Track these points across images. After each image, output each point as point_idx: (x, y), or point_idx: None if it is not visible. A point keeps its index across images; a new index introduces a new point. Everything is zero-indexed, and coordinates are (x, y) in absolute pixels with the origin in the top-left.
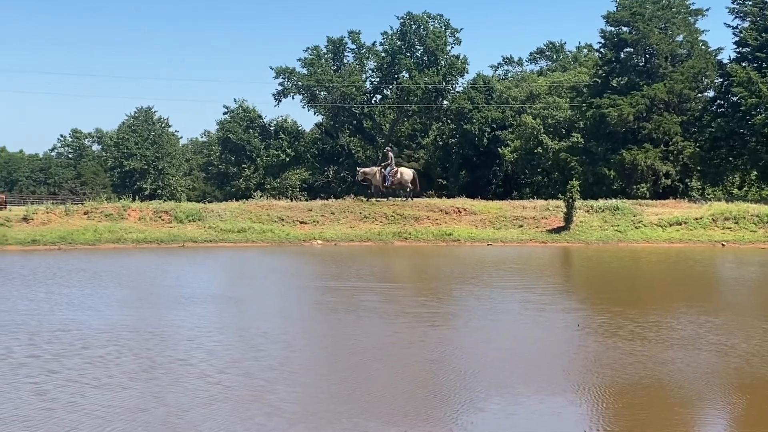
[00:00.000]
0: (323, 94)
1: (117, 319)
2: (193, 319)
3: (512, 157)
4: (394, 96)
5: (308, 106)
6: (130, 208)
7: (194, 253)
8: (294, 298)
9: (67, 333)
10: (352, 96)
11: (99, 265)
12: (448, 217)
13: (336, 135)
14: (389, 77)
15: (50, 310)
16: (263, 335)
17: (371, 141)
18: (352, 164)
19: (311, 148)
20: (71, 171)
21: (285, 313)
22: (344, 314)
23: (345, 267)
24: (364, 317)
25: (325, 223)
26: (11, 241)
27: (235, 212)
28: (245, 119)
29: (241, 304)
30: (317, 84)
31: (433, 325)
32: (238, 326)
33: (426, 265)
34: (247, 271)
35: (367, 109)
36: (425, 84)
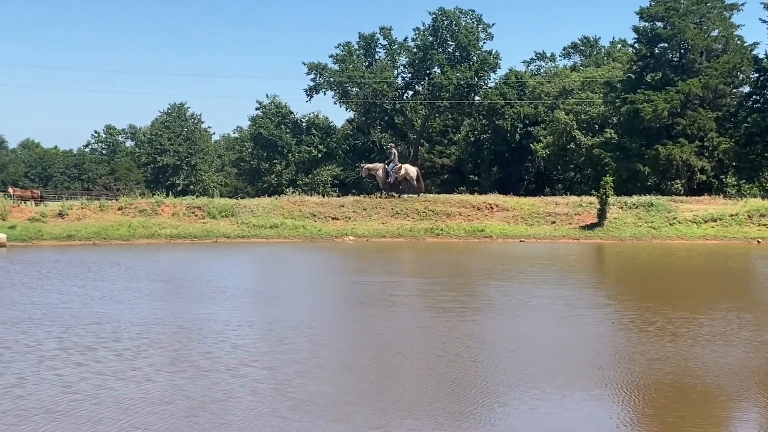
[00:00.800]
0: (355, 90)
1: (148, 312)
2: (223, 312)
3: (544, 153)
4: (426, 92)
5: (340, 102)
6: (163, 204)
7: (227, 249)
8: (324, 292)
9: (99, 326)
10: (384, 92)
11: (133, 260)
12: (480, 213)
13: (367, 131)
14: (421, 73)
15: (83, 304)
16: (291, 329)
17: (403, 137)
18: (384, 160)
19: (343, 144)
20: (105, 167)
21: (314, 308)
22: (373, 308)
23: (376, 262)
24: (393, 311)
25: (357, 219)
26: (47, 237)
27: (268, 208)
28: (277, 115)
29: (271, 298)
30: (349, 80)
31: (462, 319)
32: (267, 320)
33: (457, 261)
34: (279, 266)
35: (398, 105)
36: (457, 80)
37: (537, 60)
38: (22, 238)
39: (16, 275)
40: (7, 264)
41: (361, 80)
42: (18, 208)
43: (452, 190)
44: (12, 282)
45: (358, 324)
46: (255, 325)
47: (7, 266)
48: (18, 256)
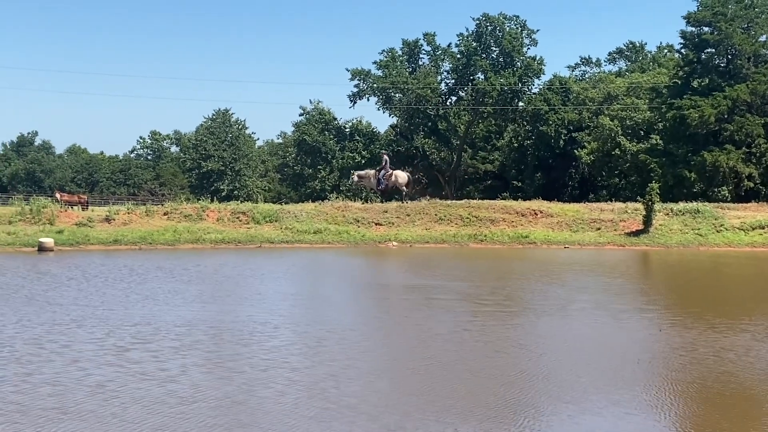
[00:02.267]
0: (398, 96)
1: (189, 315)
2: (264, 315)
3: (589, 159)
4: (470, 98)
5: (383, 107)
6: (208, 209)
7: (271, 254)
8: (365, 296)
9: (137, 328)
10: (427, 98)
11: (177, 264)
12: (524, 219)
13: (411, 137)
14: (464, 79)
15: (126, 306)
16: (332, 332)
17: (446, 143)
18: (428, 166)
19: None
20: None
21: (355, 311)
22: (414, 312)
23: (419, 267)
24: (435, 315)
25: (401, 225)
26: (93, 241)
27: (311, 213)
28: (320, 121)
29: (312, 302)
30: (392, 86)
31: (504, 324)
32: (308, 322)
33: (500, 267)
34: (322, 270)
35: (442, 110)
36: (501, 85)
37: (582, 65)
38: (70, 242)
39: (63, 278)
40: (53, 267)
41: (404, 86)
42: (65, 213)
43: (495, 195)
44: (57, 285)
45: (398, 328)
46: (297, 328)
47: (54, 270)
48: (65, 259)
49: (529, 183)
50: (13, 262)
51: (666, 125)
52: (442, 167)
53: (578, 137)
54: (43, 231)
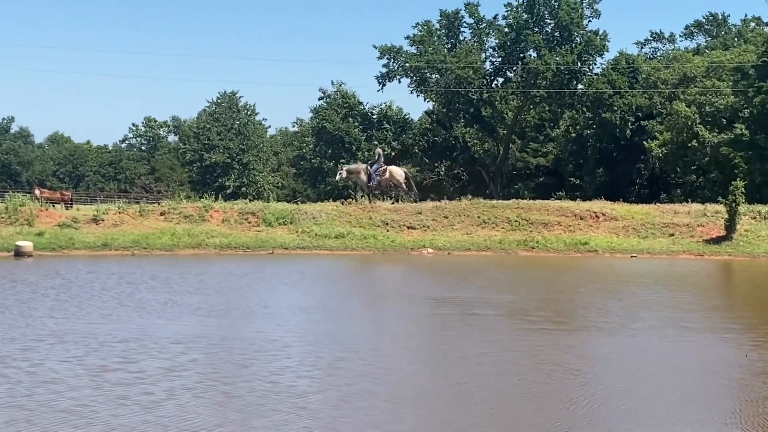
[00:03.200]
0: (435, 77)
1: (188, 330)
2: (274, 331)
3: (660, 151)
4: (519, 79)
5: (417, 90)
6: (212, 209)
7: (284, 261)
8: (394, 311)
9: (127, 344)
10: (469, 79)
11: (175, 273)
12: (584, 223)
13: (449, 125)
14: (513, 57)
15: (114, 321)
16: (350, 351)
17: (491, 132)
18: (468, 159)
19: (420, 140)
20: (144, 165)
21: (381, 327)
22: (451, 329)
23: (458, 278)
24: (474, 333)
25: (437, 229)
26: (79, 245)
27: (332, 215)
28: (344, 106)
29: (333, 316)
30: (428, 65)
31: (555, 344)
32: (324, 340)
33: (554, 279)
34: (344, 281)
35: (486, 94)
36: (556, 65)
37: (653, 41)
38: (51, 246)
39: (41, 287)
40: (31, 275)
41: (442, 65)
42: (46, 212)
43: (549, 195)
44: (34, 295)
45: (429, 347)
46: (306, 347)
47: (32, 277)
48: (45, 266)
49: (589, 180)
50: None
51: (753, 112)
52: (485, 161)
53: (648, 126)
54: (21, 233)
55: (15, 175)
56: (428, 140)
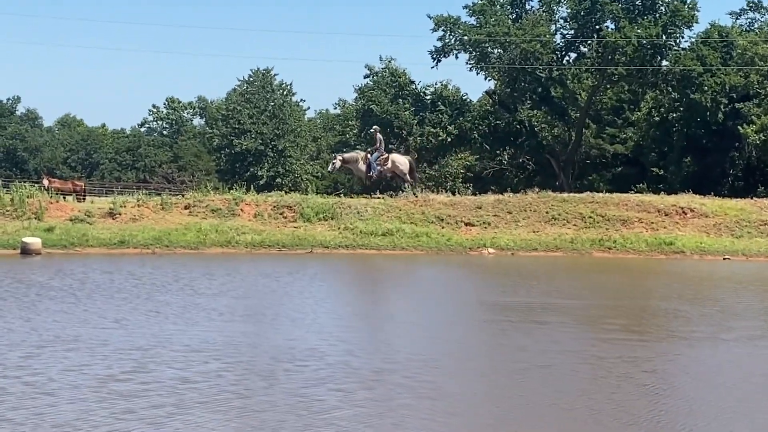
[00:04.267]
0: (497, 52)
1: (210, 337)
2: (311, 338)
3: (758, 138)
4: (594, 54)
5: (477, 68)
6: (243, 202)
7: (325, 261)
8: (447, 317)
9: (139, 352)
10: (537, 54)
11: (202, 273)
12: (668, 219)
13: (513, 107)
14: (588, 29)
15: (127, 326)
16: (395, 362)
17: (561, 115)
18: (535, 146)
19: (480, 124)
20: (166, 152)
21: (431, 336)
22: (512, 337)
23: (522, 281)
24: (539, 342)
25: (499, 226)
26: (93, 242)
27: (379, 209)
28: (393, 85)
29: (377, 323)
30: (489, 38)
31: (627, 358)
32: (366, 350)
33: (634, 282)
34: (392, 284)
35: (556, 72)
36: (637, 38)
37: (749, 11)
38: (62, 243)
39: (49, 290)
40: (40, 276)
41: (505, 38)
42: (56, 204)
43: (628, 187)
44: (42, 299)
45: (486, 358)
46: (345, 357)
47: (40, 279)
48: (55, 266)
49: (675, 171)
50: None
51: None
52: (555, 148)
53: (743, 109)
54: (28, 228)
55: (21, 163)
56: (489, 124)
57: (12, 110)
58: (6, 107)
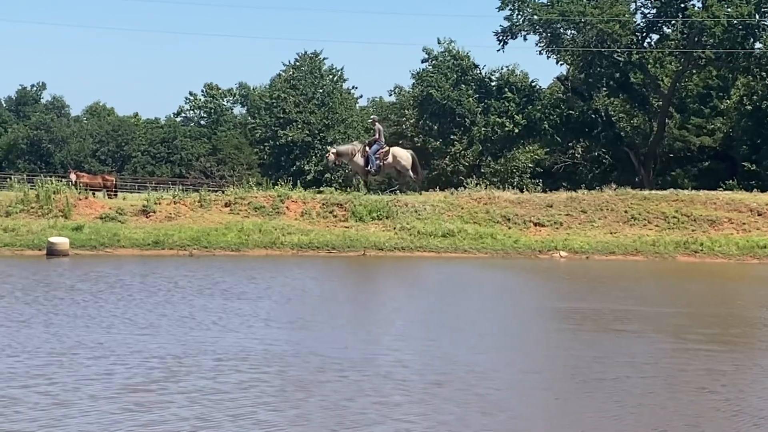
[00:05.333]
0: (570, 34)
1: (249, 344)
2: (360, 346)
3: None
4: (679, 36)
5: (547, 51)
6: (289, 199)
7: (379, 265)
8: (513, 324)
9: (165, 361)
10: (615, 36)
11: (244, 276)
12: (762, 220)
13: (588, 94)
14: (672, 8)
15: (157, 332)
16: (451, 372)
17: (642, 103)
18: (612, 138)
19: (550, 113)
20: (204, 144)
21: (494, 345)
22: (584, 347)
23: (598, 287)
24: (614, 352)
25: (573, 226)
26: (125, 242)
27: (439, 207)
28: (455, 69)
29: (437, 329)
30: (562, 18)
31: (708, 371)
32: (420, 358)
33: (723, 289)
34: (452, 289)
35: (636, 55)
36: (727, 18)
37: None
38: (91, 244)
39: (76, 294)
40: (67, 279)
41: (580, 18)
42: (85, 201)
43: (716, 184)
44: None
45: (555, 369)
46: (395, 365)
47: (67, 282)
48: (83, 268)
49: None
50: (11, 270)
51: None
52: (634, 141)
53: None
54: (54, 227)
55: (46, 156)
56: (561, 114)
57: (36, 98)
58: (30, 95)
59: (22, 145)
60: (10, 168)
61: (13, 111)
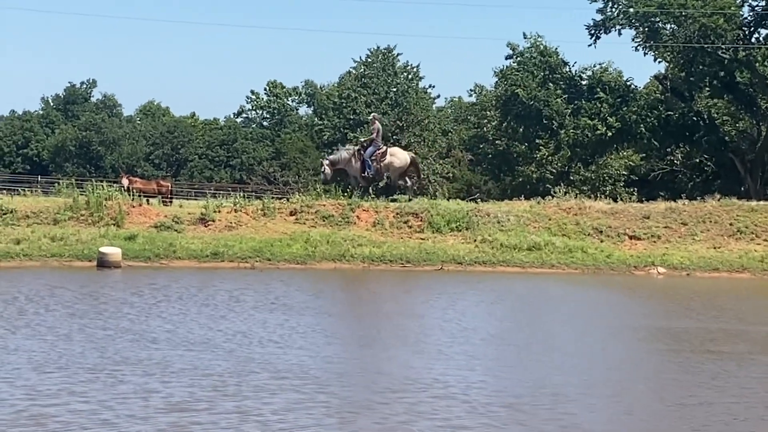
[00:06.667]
0: (670, 28)
1: (305, 362)
2: (430, 365)
3: None
4: None
5: (644, 47)
6: (359, 208)
7: (457, 280)
8: (602, 343)
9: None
10: (719, 31)
11: (310, 290)
12: None
13: (689, 95)
14: None
15: (218, 348)
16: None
17: (748, 105)
18: (716, 143)
19: (647, 115)
20: (267, 147)
21: (582, 364)
22: (682, 369)
23: (699, 305)
24: (717, 377)
25: (672, 240)
26: (181, 254)
27: (524, 218)
28: (542, 67)
29: (517, 350)
30: (660, 11)
31: None
32: (495, 380)
33: None
34: (538, 306)
35: (742, 52)
36: None
37: None
38: (146, 255)
39: (126, 306)
40: (118, 292)
41: (681, 11)
42: (139, 208)
43: None
44: (115, 317)
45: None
46: (466, 388)
47: (119, 295)
48: (136, 281)
49: None
50: (60, 281)
51: None
52: (740, 146)
53: None
54: (106, 236)
55: (96, 159)
56: (659, 116)
57: (86, 96)
58: (80, 93)
59: (71, 147)
60: (58, 171)
61: (61, 110)
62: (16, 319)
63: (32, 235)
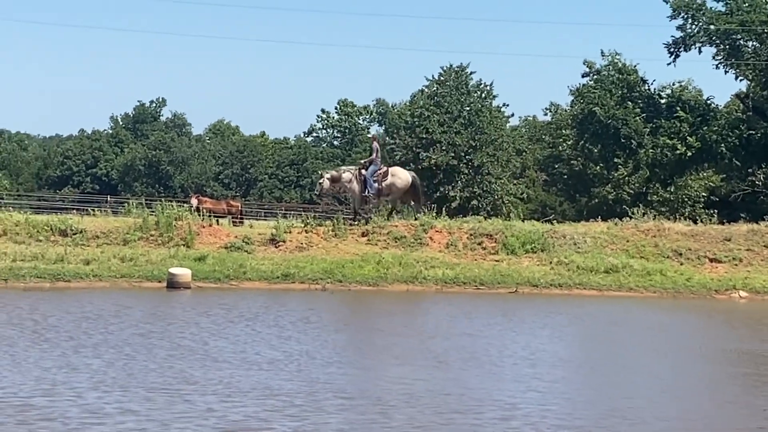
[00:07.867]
0: (752, 45)
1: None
2: (504, 387)
3: None
4: None
5: (725, 65)
6: (432, 229)
7: (533, 303)
8: (684, 367)
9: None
10: None
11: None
12: None
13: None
14: None
15: (281, 370)
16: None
17: None
18: None
19: (728, 135)
20: (338, 166)
21: (658, 388)
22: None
23: None
24: None
25: (754, 263)
26: (251, 275)
27: (601, 240)
28: (620, 85)
29: (593, 374)
30: (742, 28)
31: None
32: (576, 403)
33: None
34: (617, 330)
35: None
36: None
37: None
38: (216, 276)
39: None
40: (188, 314)
41: (763, 28)
42: (209, 228)
43: None
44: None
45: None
46: (542, 410)
47: (188, 317)
48: (206, 302)
49: None
50: (129, 302)
51: None
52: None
53: None
54: (176, 257)
55: (165, 178)
56: (740, 135)
57: (156, 115)
58: (149, 111)
59: (140, 166)
60: (127, 191)
61: (130, 129)
62: (85, 338)
63: (102, 255)
